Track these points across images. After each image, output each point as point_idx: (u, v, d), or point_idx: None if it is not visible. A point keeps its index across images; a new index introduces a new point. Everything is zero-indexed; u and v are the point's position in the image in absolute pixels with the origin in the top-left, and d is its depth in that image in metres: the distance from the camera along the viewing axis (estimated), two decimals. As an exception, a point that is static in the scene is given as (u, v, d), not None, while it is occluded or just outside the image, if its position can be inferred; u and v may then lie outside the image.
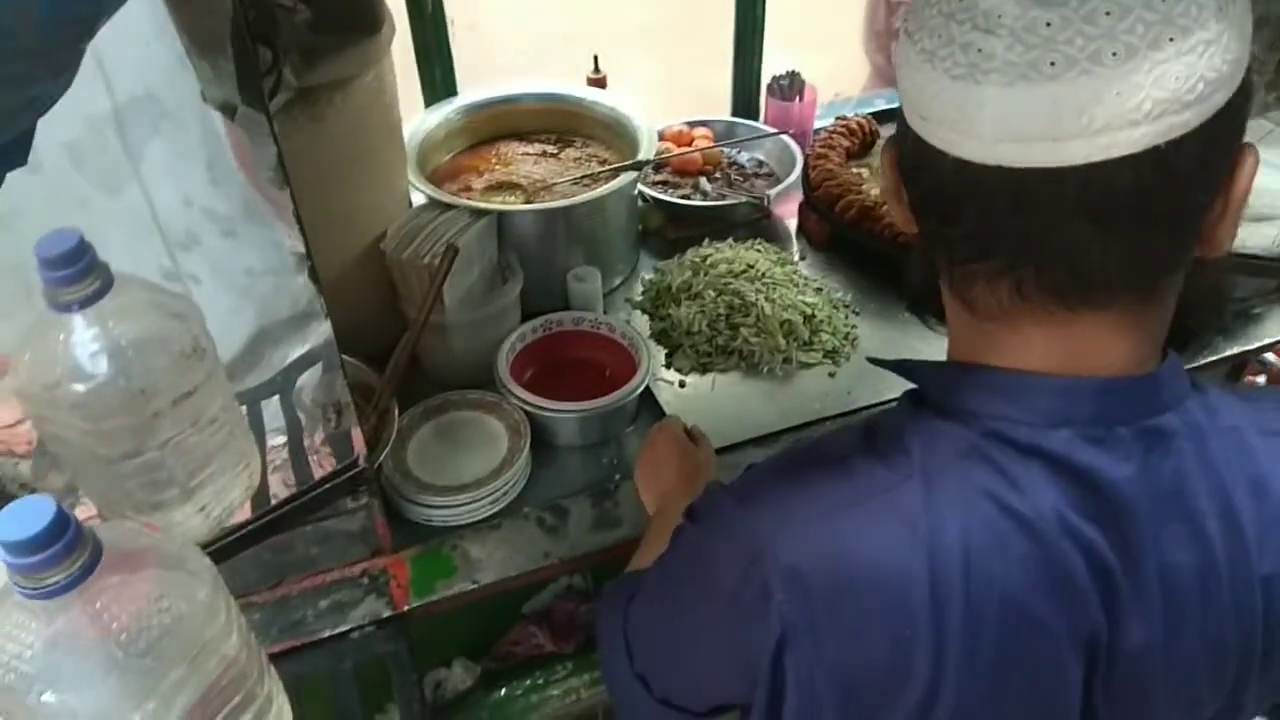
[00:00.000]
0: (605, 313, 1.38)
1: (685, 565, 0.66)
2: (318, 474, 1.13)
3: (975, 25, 0.50)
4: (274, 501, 1.11)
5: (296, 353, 1.01)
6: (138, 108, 0.69)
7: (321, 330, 0.93)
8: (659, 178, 1.59)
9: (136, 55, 0.67)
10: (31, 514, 0.60)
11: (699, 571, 0.64)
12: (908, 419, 0.60)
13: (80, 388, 0.93)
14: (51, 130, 0.65)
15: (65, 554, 0.62)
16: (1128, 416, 0.56)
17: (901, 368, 0.66)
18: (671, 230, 1.55)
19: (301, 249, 0.83)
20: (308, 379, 1.04)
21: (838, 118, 1.68)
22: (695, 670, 0.68)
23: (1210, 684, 0.61)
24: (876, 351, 1.34)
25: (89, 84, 0.65)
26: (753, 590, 0.56)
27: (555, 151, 1.52)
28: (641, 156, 1.40)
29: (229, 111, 0.68)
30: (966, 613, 0.54)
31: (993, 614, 0.55)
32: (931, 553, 0.54)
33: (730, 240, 1.48)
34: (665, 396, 1.27)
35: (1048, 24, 0.48)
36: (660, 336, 1.36)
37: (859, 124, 1.65)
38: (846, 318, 1.38)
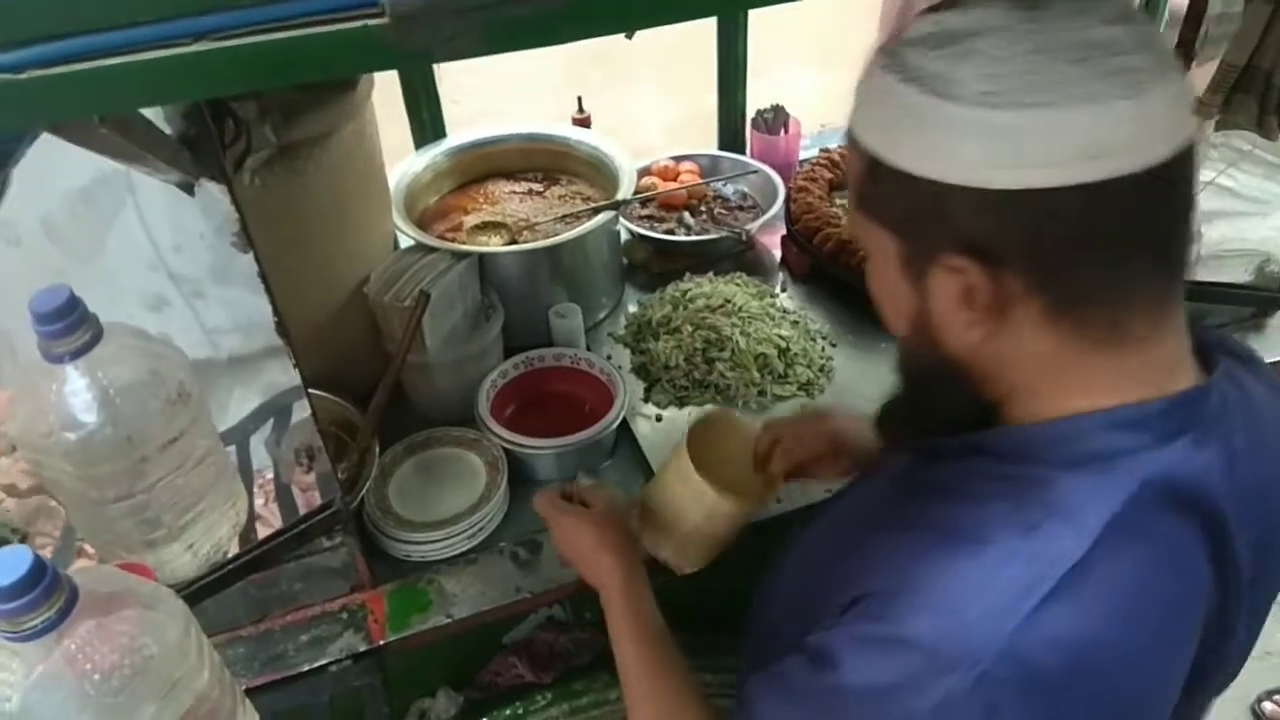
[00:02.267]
0: (589, 347, 1.42)
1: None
2: (304, 510, 1.18)
3: (1112, 54, 0.54)
4: (261, 538, 1.16)
5: (270, 401, 1.05)
6: (106, 182, 0.74)
7: (292, 382, 0.97)
8: (645, 212, 1.63)
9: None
10: (10, 562, 0.65)
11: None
12: (1027, 481, 0.60)
13: (71, 436, 0.98)
14: (28, 206, 0.71)
15: (43, 599, 0.67)
16: (1210, 413, 0.62)
17: (993, 442, 0.64)
18: (657, 264, 1.59)
19: (269, 309, 0.87)
20: (282, 424, 1.09)
21: (821, 150, 1.71)
22: None
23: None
24: (851, 383, 1.37)
25: (62, 162, 0.70)
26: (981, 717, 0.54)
27: (541, 190, 1.56)
28: (621, 195, 1.44)
29: (186, 188, 0.73)
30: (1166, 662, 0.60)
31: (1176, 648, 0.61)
32: (1130, 625, 0.56)
33: (711, 274, 1.51)
34: (643, 430, 1.31)
35: (1148, 31, 0.57)
36: (640, 371, 1.40)
37: (842, 155, 1.67)
38: (823, 350, 1.41)
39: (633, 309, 1.51)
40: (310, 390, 1.25)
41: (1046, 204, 0.55)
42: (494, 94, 3.08)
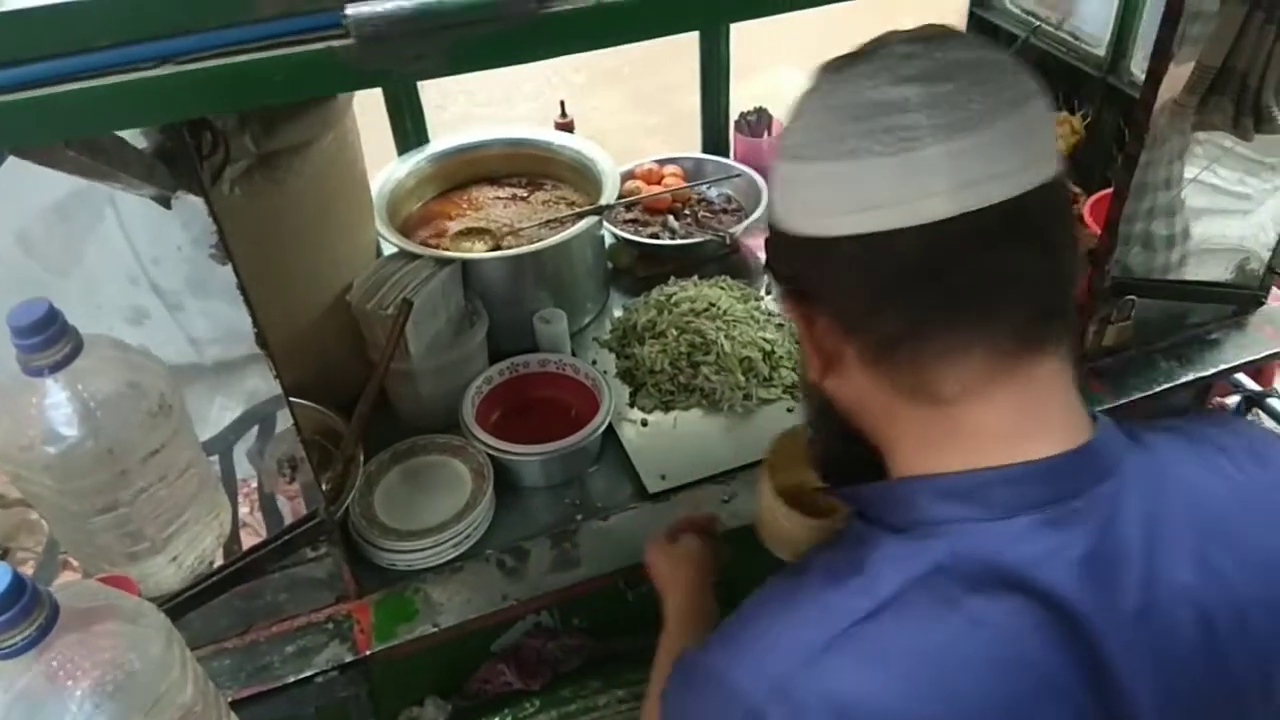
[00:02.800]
0: (574, 352, 1.42)
1: (679, 704, 0.62)
2: (290, 518, 1.17)
3: (888, 114, 0.55)
4: (245, 549, 1.16)
5: (252, 411, 1.05)
6: (83, 196, 0.74)
7: (273, 392, 0.97)
8: (629, 216, 1.63)
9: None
10: (-12, 582, 0.65)
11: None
12: (861, 538, 0.61)
13: (52, 449, 0.98)
14: (3, 220, 0.70)
15: (23, 616, 0.67)
16: (1078, 489, 0.57)
17: (851, 496, 0.65)
18: (641, 268, 1.59)
19: (248, 319, 0.87)
20: (265, 434, 1.09)
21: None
22: None
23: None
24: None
25: (37, 177, 0.70)
26: None
27: (525, 195, 1.56)
28: (604, 200, 1.44)
29: (163, 202, 0.73)
30: None
31: None
32: (918, 695, 0.54)
33: (695, 278, 1.52)
34: (629, 435, 1.31)
35: (949, 90, 0.55)
36: (625, 375, 1.40)
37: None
38: (807, 352, 1.41)
39: (618, 313, 1.51)
40: (293, 399, 1.25)
41: (829, 250, 0.58)
42: (480, 98, 3.09)
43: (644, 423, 1.33)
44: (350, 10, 0.41)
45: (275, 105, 0.90)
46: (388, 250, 1.36)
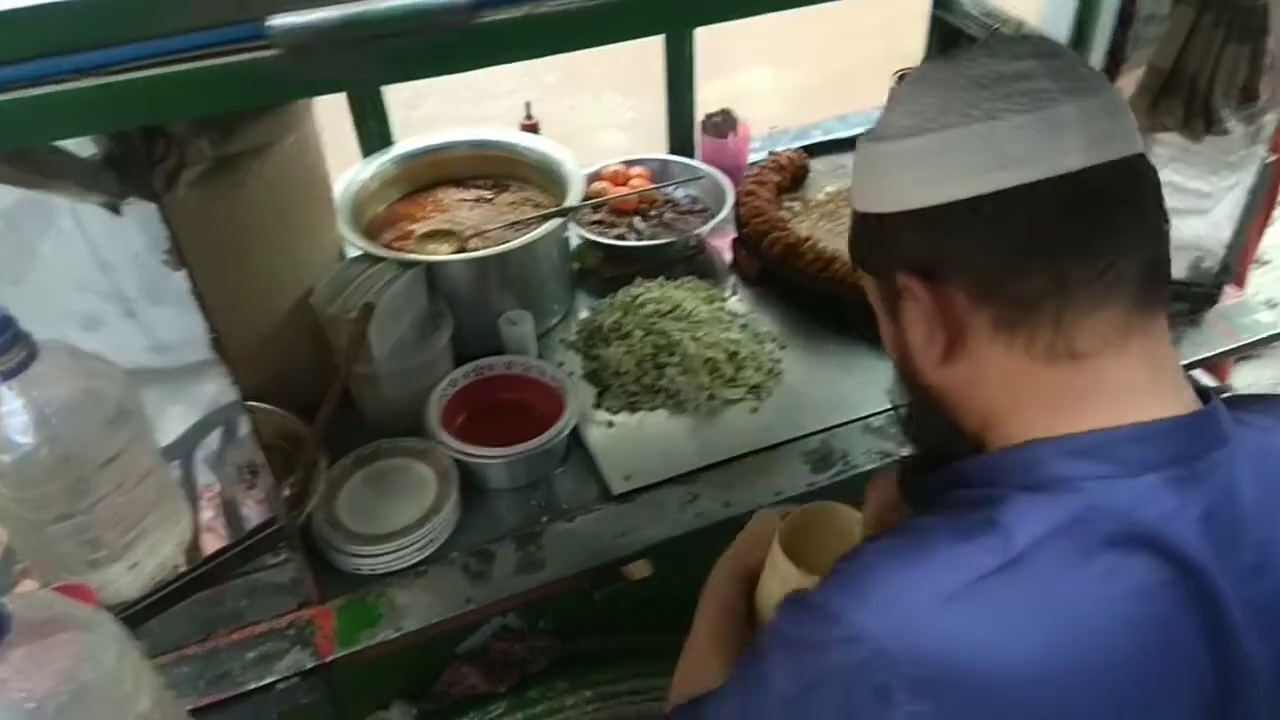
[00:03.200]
0: (541, 354, 1.42)
1: (782, 679, 0.60)
2: (253, 523, 1.16)
3: (1016, 81, 0.60)
4: (205, 556, 1.15)
5: (211, 417, 1.04)
6: (31, 202, 0.73)
7: (231, 398, 0.96)
8: (596, 217, 1.63)
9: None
10: (-63, 594, 0.64)
11: (802, 683, 0.59)
12: (986, 499, 0.60)
13: (6, 458, 0.97)
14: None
15: (-28, 630, 0.66)
16: (1198, 452, 0.59)
17: (963, 471, 0.64)
18: (608, 269, 1.59)
19: (203, 325, 0.86)
20: (225, 440, 1.08)
21: (770, 153, 1.72)
22: None
23: None
24: (800, 385, 1.38)
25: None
26: (871, 698, 0.54)
27: (491, 196, 1.56)
28: (570, 202, 1.44)
29: (112, 209, 0.72)
30: (1094, 701, 0.56)
31: (1117, 694, 0.56)
32: (1049, 646, 0.55)
33: (661, 279, 1.52)
34: (595, 437, 1.31)
35: (1062, 62, 0.61)
36: (591, 376, 1.40)
37: (789, 159, 1.69)
38: (772, 353, 1.42)
39: (584, 314, 1.51)
40: (255, 403, 1.24)
41: (966, 215, 0.60)
42: (453, 97, 3.07)
43: (610, 424, 1.33)
44: (274, 21, 0.41)
45: (202, 116, 0.89)
46: (351, 253, 1.36)
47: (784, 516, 0.88)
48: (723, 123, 1.73)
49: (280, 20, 0.41)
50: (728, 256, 1.63)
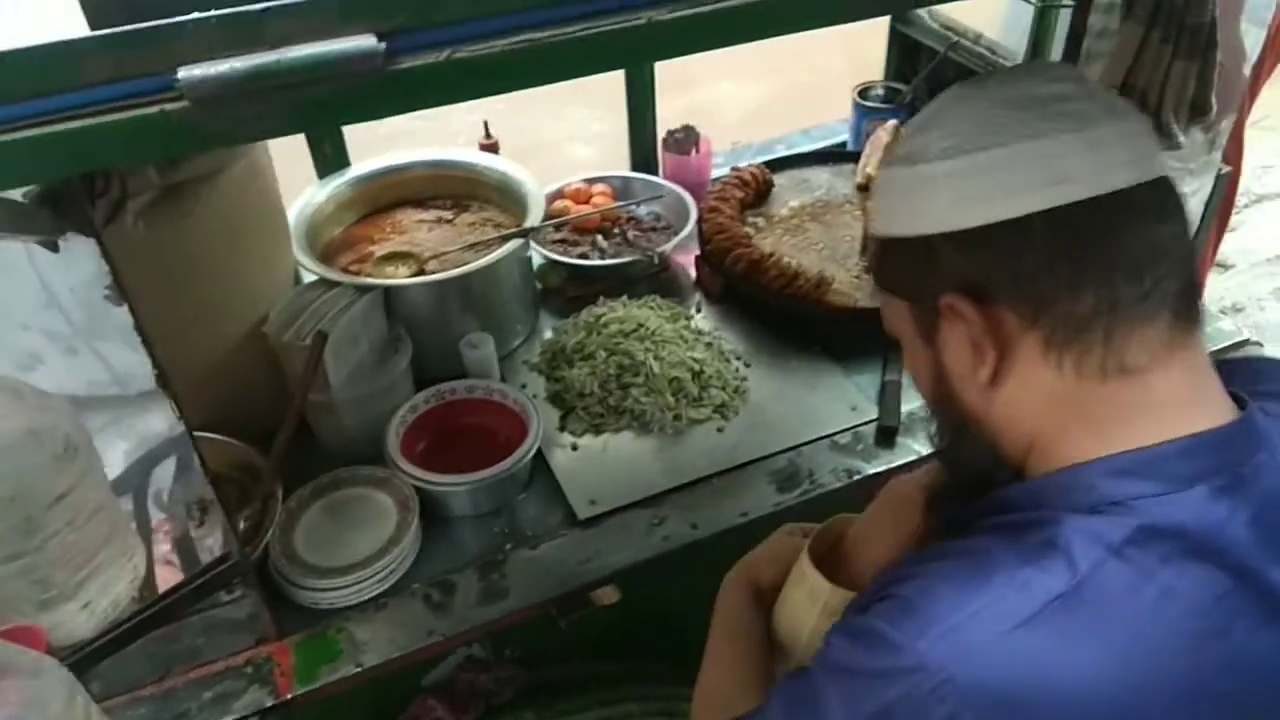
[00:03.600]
0: (504, 376, 1.40)
1: (839, 709, 0.59)
2: (206, 559, 1.14)
3: (1057, 102, 0.61)
4: (160, 594, 1.12)
5: (161, 451, 1.02)
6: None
7: (177, 434, 0.94)
8: (558, 236, 1.62)
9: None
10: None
11: (863, 714, 0.57)
12: (1039, 522, 0.60)
13: (-53, 500, 0.94)
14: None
15: (-87, 676, 0.63)
16: (1241, 458, 0.60)
17: (1008, 498, 0.65)
18: (571, 288, 1.58)
19: (148, 361, 0.84)
20: (180, 474, 1.05)
21: (732, 168, 1.72)
22: None
23: None
24: (765, 403, 1.37)
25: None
26: None
27: (451, 217, 1.54)
28: (531, 221, 1.43)
29: (49, 246, 0.70)
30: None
31: (1183, 712, 0.56)
32: (1114, 670, 0.55)
33: (625, 298, 1.51)
34: (559, 460, 1.29)
35: (1095, 86, 0.64)
36: (555, 398, 1.39)
37: (752, 174, 1.69)
38: (737, 370, 1.41)
39: (548, 334, 1.50)
40: (209, 434, 1.21)
41: (1016, 234, 0.60)
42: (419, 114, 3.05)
43: (574, 447, 1.32)
44: (183, 74, 0.40)
45: (112, 168, 0.86)
46: (307, 278, 1.33)
47: (805, 534, 0.87)
48: (685, 139, 1.72)
49: (189, 72, 0.39)
50: (692, 273, 1.62)
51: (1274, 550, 0.58)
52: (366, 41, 0.43)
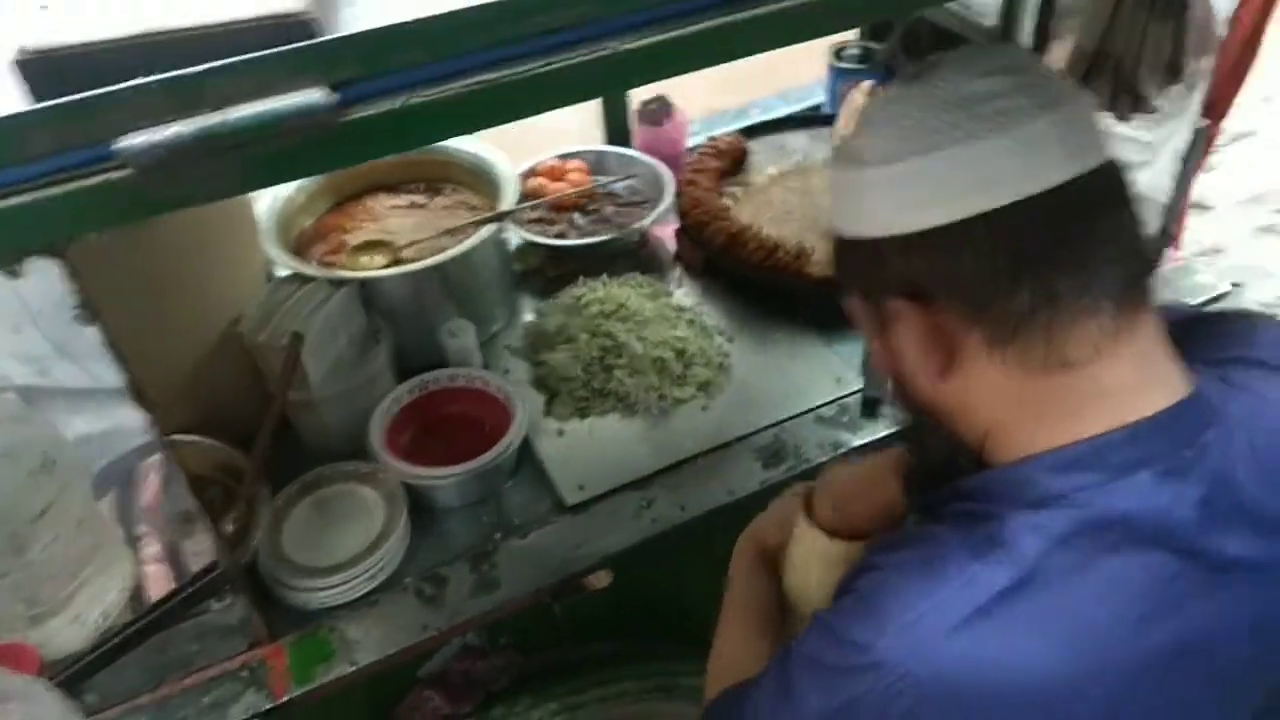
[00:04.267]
0: (486, 363, 1.39)
1: (815, 700, 0.62)
2: (196, 564, 1.13)
3: (989, 100, 0.61)
4: (154, 599, 1.12)
5: (144, 462, 1.01)
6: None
7: (156, 446, 0.93)
8: (534, 215, 1.60)
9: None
10: None
11: (834, 704, 0.60)
12: (987, 514, 0.61)
13: (-72, 525, 0.93)
14: None
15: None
16: (1189, 438, 0.61)
17: (963, 489, 0.65)
18: (550, 268, 1.56)
19: (123, 376, 0.83)
20: (161, 483, 1.05)
21: (709, 137, 1.70)
22: None
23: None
24: (749, 377, 1.37)
25: None
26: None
27: (424, 201, 1.52)
28: (505, 203, 1.41)
29: (10, 273, 0.68)
30: (1114, 704, 0.58)
31: (1138, 693, 0.59)
32: (1064, 658, 0.57)
33: (605, 276, 1.49)
34: (544, 446, 1.29)
35: (1029, 76, 0.62)
36: (539, 383, 1.38)
37: (728, 143, 1.66)
38: (720, 346, 1.41)
39: (529, 318, 1.49)
40: (193, 438, 1.20)
41: (953, 237, 0.61)
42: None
43: (560, 432, 1.31)
44: (124, 142, 0.38)
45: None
46: (281, 273, 1.32)
47: (808, 491, 0.88)
48: (658, 110, 1.69)
49: (130, 141, 0.38)
50: (672, 247, 1.61)
51: (1222, 527, 0.59)
52: (316, 95, 0.41)
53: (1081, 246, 0.60)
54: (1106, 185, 0.62)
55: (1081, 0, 1.00)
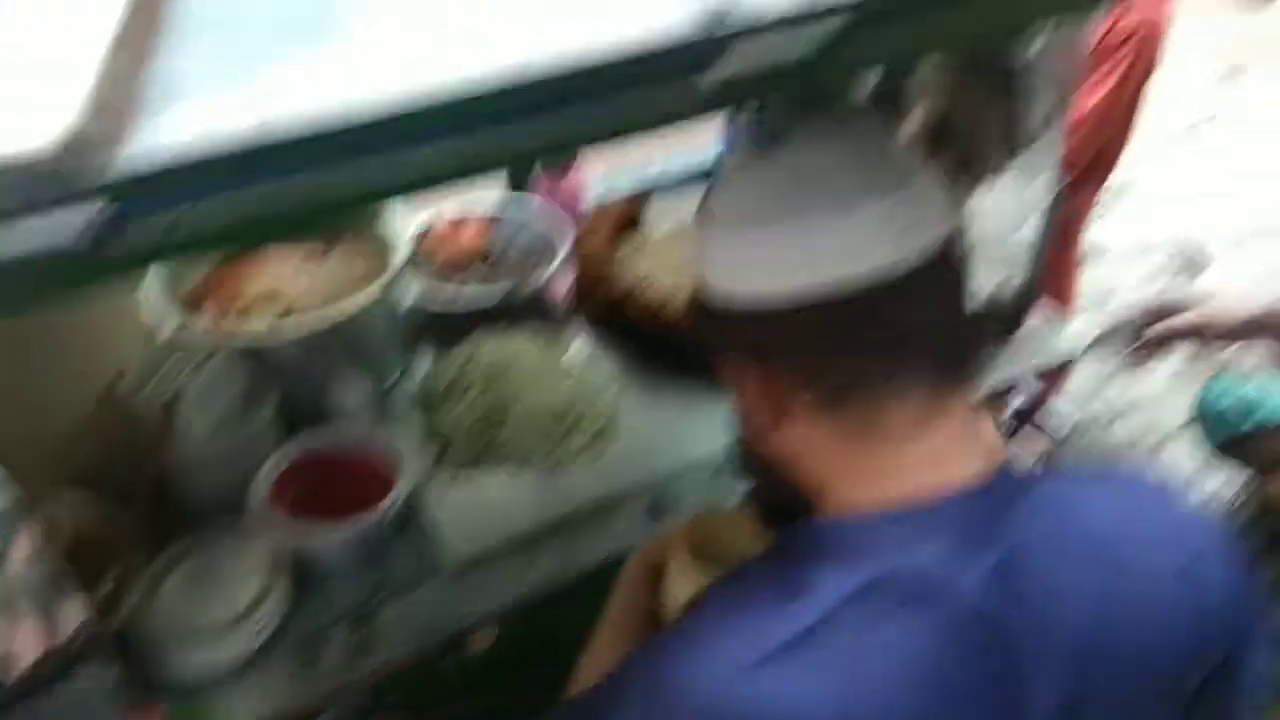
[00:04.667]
0: (380, 416, 1.40)
1: (638, 714, 0.65)
2: (68, 631, 1.11)
3: (826, 177, 0.64)
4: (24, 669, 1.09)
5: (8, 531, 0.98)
6: None
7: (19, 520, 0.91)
8: (433, 266, 1.61)
9: None
10: None
11: None
12: (801, 559, 0.65)
13: None
14: None
15: None
16: (993, 509, 0.64)
17: (790, 536, 0.69)
18: (447, 320, 1.57)
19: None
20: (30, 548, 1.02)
21: (609, 188, 1.73)
22: None
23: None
24: (642, 429, 1.39)
25: None
26: None
27: (321, 254, 1.51)
28: (400, 257, 1.42)
29: None
30: None
31: None
32: (848, 704, 0.59)
33: (502, 326, 1.51)
34: (433, 502, 1.29)
35: (872, 156, 0.66)
36: (431, 436, 1.38)
37: (625, 198, 1.70)
38: (611, 400, 1.43)
39: (426, 368, 1.49)
40: (74, 495, 1.18)
41: (780, 308, 0.64)
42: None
43: (449, 487, 1.32)
44: None
45: None
46: (166, 331, 1.30)
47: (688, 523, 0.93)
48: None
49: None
50: (572, 297, 1.63)
51: (1011, 603, 0.62)
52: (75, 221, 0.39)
53: (898, 332, 0.64)
54: (931, 269, 0.64)
55: (927, 76, 1.06)
